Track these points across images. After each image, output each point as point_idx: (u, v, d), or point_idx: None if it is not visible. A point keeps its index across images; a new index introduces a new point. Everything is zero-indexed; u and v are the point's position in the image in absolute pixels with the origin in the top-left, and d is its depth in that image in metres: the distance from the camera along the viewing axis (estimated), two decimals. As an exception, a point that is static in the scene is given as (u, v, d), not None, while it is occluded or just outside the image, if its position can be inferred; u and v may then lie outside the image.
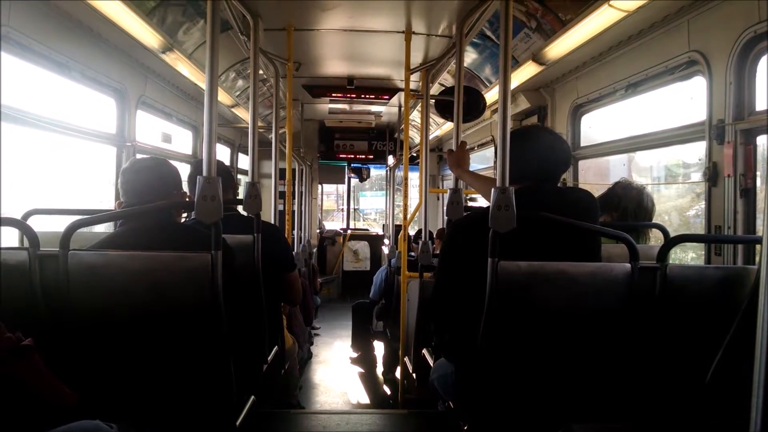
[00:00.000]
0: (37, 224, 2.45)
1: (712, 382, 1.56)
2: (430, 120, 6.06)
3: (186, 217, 3.09)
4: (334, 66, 5.80)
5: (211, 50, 2.02)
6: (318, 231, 10.58)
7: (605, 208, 3.09)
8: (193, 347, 2.00)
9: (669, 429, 1.86)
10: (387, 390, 5.60)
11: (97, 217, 2.40)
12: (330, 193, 14.88)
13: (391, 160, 9.56)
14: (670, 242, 2.12)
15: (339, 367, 6.58)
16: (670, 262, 2.03)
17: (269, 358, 2.99)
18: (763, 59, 2.56)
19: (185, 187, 2.70)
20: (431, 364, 2.86)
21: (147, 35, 3.57)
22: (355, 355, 6.56)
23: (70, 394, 1.64)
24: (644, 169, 4.45)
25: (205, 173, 1.96)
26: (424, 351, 3.16)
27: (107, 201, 4.36)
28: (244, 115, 6.38)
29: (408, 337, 4.26)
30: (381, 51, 5.11)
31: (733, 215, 2.65)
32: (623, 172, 4.38)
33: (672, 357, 1.98)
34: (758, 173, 2.62)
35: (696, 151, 3.37)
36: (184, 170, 2.78)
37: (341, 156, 10.19)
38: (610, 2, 2.92)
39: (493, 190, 1.95)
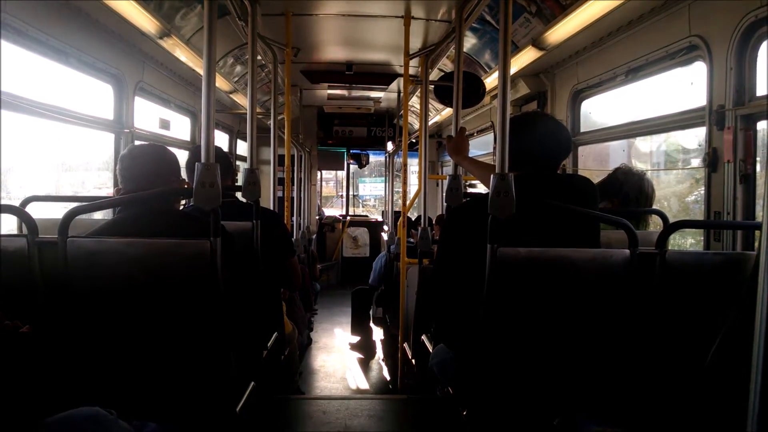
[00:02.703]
0: (36, 211, 2.45)
1: (710, 367, 1.57)
2: (430, 106, 6.03)
3: (185, 204, 3.08)
4: (332, 51, 5.76)
5: (208, 36, 2.00)
6: (317, 217, 10.59)
7: (607, 194, 3.08)
8: (192, 334, 2.01)
9: (668, 414, 1.87)
10: (386, 375, 5.63)
11: (95, 203, 2.39)
12: (329, 180, 14.89)
13: (390, 146, 9.54)
14: (670, 228, 2.12)
15: (339, 353, 6.61)
16: (670, 248, 2.02)
17: (269, 345, 3.00)
18: (764, 44, 2.55)
19: (184, 174, 2.69)
20: (430, 350, 2.87)
21: (144, 20, 3.54)
22: (354, 340, 6.60)
23: (69, 381, 1.64)
24: (644, 154, 4.44)
25: (203, 159, 1.95)
26: (424, 337, 3.17)
27: (106, 188, 4.35)
28: (243, 101, 6.35)
29: (407, 323, 4.27)
30: (380, 36, 5.08)
31: (732, 201, 2.64)
32: (623, 157, 4.37)
33: (671, 342, 1.99)
34: (758, 159, 2.61)
35: (696, 137, 3.37)
36: (182, 157, 2.78)
37: (340, 142, 10.16)
38: (611, -14, 2.90)
39: (492, 176, 1.95)
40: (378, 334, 6.44)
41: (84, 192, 4.87)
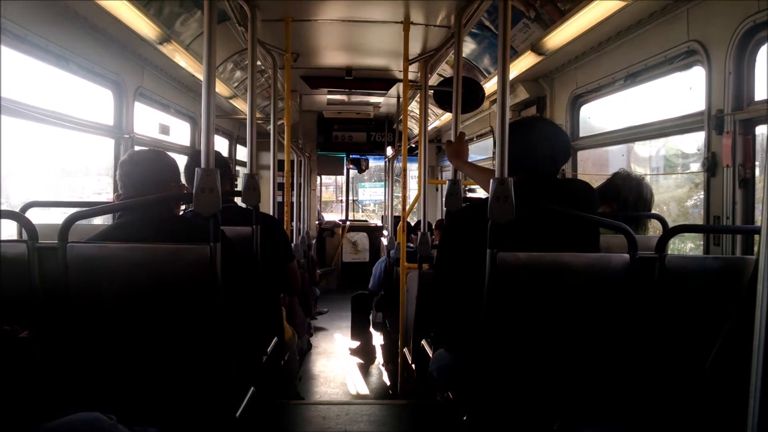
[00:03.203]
0: (36, 216, 2.45)
1: (710, 372, 1.57)
2: (429, 111, 6.04)
3: (184, 209, 3.09)
4: (332, 57, 5.77)
5: (208, 41, 2.00)
6: (317, 222, 10.58)
7: (605, 198, 3.09)
8: (192, 339, 2.01)
9: (668, 419, 1.87)
10: (386, 381, 5.62)
11: (95, 209, 2.40)
12: (329, 185, 14.88)
13: (389, 151, 9.55)
14: (669, 232, 2.12)
15: (338, 358, 6.59)
16: (669, 252, 2.03)
17: (269, 350, 3.00)
18: (763, 49, 2.55)
19: (183, 179, 2.70)
20: (430, 355, 2.87)
21: (144, 26, 3.56)
22: (354, 345, 6.58)
23: (69, 386, 1.64)
24: (643, 159, 4.45)
25: (203, 165, 1.95)
26: (423, 342, 3.17)
27: (106, 193, 4.36)
28: (243, 106, 6.36)
29: (407, 327, 4.27)
30: (379, 41, 5.09)
31: (731, 205, 2.65)
32: (622, 162, 4.38)
33: (670, 347, 1.99)
34: (757, 163, 2.62)
35: (695, 142, 3.37)
36: (182, 162, 2.78)
37: (340, 147, 10.18)
38: (610, -9, 2.91)
39: (491, 180, 1.95)
40: (378, 339, 6.43)
41: (84, 197, 4.87)
